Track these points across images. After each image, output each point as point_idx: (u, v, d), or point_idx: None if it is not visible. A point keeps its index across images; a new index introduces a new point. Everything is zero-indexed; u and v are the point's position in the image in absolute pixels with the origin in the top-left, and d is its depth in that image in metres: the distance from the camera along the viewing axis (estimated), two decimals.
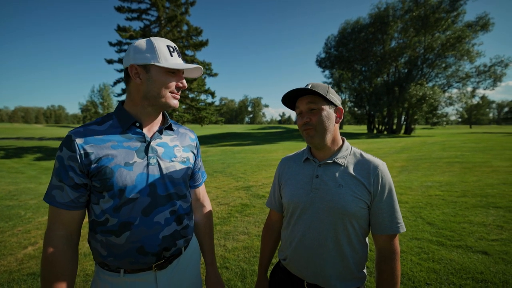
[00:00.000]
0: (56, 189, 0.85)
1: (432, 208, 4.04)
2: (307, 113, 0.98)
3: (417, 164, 7.94)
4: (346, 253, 0.97)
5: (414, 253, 2.75)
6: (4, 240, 3.52)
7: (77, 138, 0.84)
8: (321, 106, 0.97)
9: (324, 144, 1.01)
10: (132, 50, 0.89)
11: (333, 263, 0.97)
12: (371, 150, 12.34)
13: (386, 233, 0.96)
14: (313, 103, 0.97)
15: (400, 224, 0.96)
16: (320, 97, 0.96)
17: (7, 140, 23.25)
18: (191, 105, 17.86)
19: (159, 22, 17.21)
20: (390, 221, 0.96)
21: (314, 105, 0.97)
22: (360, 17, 37.17)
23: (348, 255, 0.98)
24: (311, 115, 0.98)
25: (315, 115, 0.97)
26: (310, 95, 0.98)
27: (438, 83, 34.98)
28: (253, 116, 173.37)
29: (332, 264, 0.97)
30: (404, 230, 0.97)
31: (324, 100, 0.97)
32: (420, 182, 5.68)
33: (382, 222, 0.96)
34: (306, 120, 0.98)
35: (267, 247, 1.25)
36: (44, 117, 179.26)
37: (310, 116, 0.98)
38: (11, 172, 9.76)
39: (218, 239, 3.33)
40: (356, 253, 0.99)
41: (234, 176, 7.25)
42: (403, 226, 0.97)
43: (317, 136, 0.98)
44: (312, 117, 0.97)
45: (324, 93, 0.96)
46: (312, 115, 0.97)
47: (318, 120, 0.97)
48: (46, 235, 0.85)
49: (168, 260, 0.97)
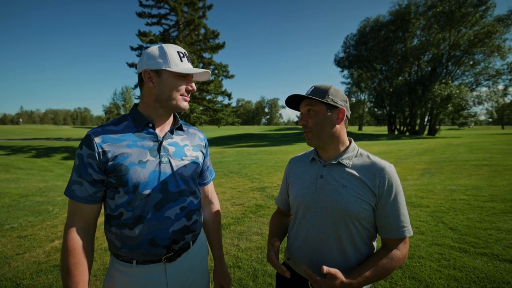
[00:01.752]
0: (76, 184, 0.91)
1: (456, 213, 3.84)
2: (305, 116, 1.03)
3: (440, 166, 7.57)
4: (349, 253, 0.97)
5: (433, 259, 2.63)
6: (34, 233, 3.78)
7: (95, 138, 0.91)
8: (318, 108, 0.99)
9: (324, 145, 1.03)
10: (146, 57, 0.95)
11: (335, 262, 0.97)
12: (391, 151, 11.91)
13: (391, 237, 0.94)
14: (311, 105, 1.01)
15: (406, 228, 0.94)
16: (317, 100, 0.98)
17: (38, 141, 24.89)
18: (208, 107, 18.18)
19: (178, 26, 17.69)
20: (395, 224, 0.94)
21: (311, 107, 1.01)
22: (380, 15, 36.00)
23: (351, 255, 0.97)
24: (308, 118, 1.02)
25: (312, 117, 1.01)
26: (308, 99, 1.01)
27: (465, 81, 33.07)
28: (270, 117, 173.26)
29: (334, 263, 0.96)
30: (410, 234, 0.94)
31: (322, 103, 0.99)
32: (444, 186, 5.41)
33: (387, 225, 0.95)
34: (304, 122, 1.03)
35: (275, 224, 1.23)
36: (71, 119, 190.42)
37: (307, 118, 1.02)
38: (41, 170, 10.45)
39: (232, 239, 3.37)
40: (360, 253, 0.98)
41: (249, 177, 7.29)
42: (409, 230, 0.95)
43: (314, 138, 1.02)
44: (309, 119, 1.01)
45: (322, 97, 0.98)
46: (309, 117, 1.01)
47: (314, 123, 1.00)
48: (66, 227, 0.92)
49: (177, 253, 1.02)
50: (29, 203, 5.50)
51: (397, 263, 0.92)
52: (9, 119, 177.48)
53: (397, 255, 0.93)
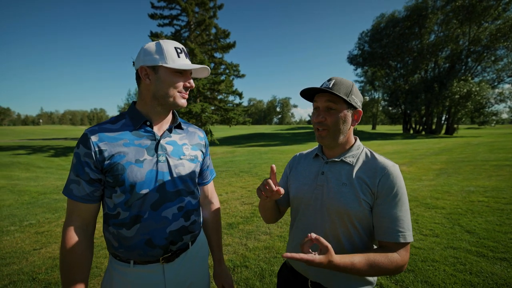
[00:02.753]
0: (74, 183, 0.91)
1: (474, 215, 3.66)
2: (324, 112, 0.94)
3: (458, 166, 7.27)
4: (347, 253, 0.92)
5: (448, 263, 2.51)
6: (51, 229, 3.93)
7: (92, 136, 0.90)
8: (340, 107, 0.92)
9: (335, 145, 0.98)
10: (142, 53, 0.93)
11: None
12: (406, 151, 11.55)
13: (384, 239, 0.87)
14: (332, 102, 0.92)
15: (402, 233, 0.85)
16: (340, 97, 0.91)
17: (57, 141, 25.94)
18: (219, 106, 18.27)
19: (189, 26, 17.87)
20: (390, 227, 0.86)
21: (333, 104, 0.92)
22: (395, 10, 34.97)
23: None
24: (327, 115, 0.93)
25: (332, 116, 0.92)
26: (330, 94, 0.93)
27: (486, 78, 31.63)
28: (281, 117, 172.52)
29: None
30: (407, 240, 0.85)
31: (345, 101, 0.92)
32: (461, 187, 5.18)
33: (381, 226, 0.88)
34: (321, 119, 0.93)
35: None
36: (88, 119, 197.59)
37: (326, 115, 0.93)
38: (59, 169, 10.87)
39: (240, 238, 3.36)
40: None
41: (259, 176, 7.28)
42: (406, 236, 0.85)
43: (328, 137, 0.95)
44: (328, 117, 0.92)
45: (346, 95, 0.91)
46: (329, 115, 0.93)
47: (334, 122, 0.92)
48: (65, 226, 0.92)
49: (175, 254, 1.01)
50: (46, 201, 5.73)
51: (394, 265, 0.83)
52: (31, 120, 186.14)
53: (396, 258, 0.84)
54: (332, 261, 0.76)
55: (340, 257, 0.79)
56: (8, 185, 7.46)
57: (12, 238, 3.70)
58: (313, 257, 0.74)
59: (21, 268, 2.79)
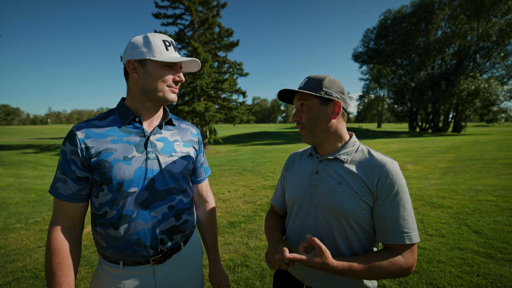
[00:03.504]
0: (60, 181, 0.88)
1: (481, 215, 3.57)
2: (298, 111, 0.96)
3: (465, 165, 7.12)
4: (344, 256, 0.88)
5: (454, 264, 2.44)
6: None
7: (78, 133, 0.87)
8: (311, 103, 0.92)
9: (319, 142, 0.95)
10: (129, 46, 0.90)
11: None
12: (411, 149, 11.38)
13: (387, 242, 0.83)
14: (303, 100, 0.93)
15: (407, 233, 0.81)
16: (310, 94, 0.90)
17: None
18: (223, 105, 18.27)
19: (193, 25, 17.88)
20: (393, 228, 0.82)
21: (304, 101, 0.93)
22: (403, 6, 34.35)
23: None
24: (301, 113, 0.94)
25: (304, 113, 0.93)
26: (301, 92, 0.93)
27: (495, 74, 30.91)
28: (286, 115, 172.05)
29: None
30: (413, 241, 0.81)
31: (316, 96, 0.91)
32: (468, 185, 5.07)
33: (383, 228, 0.84)
34: (297, 118, 0.95)
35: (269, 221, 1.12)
36: None
37: (300, 114, 0.94)
38: None
39: (242, 237, 3.34)
40: None
41: (263, 175, 7.23)
42: (411, 236, 0.81)
43: (308, 135, 0.95)
44: (302, 115, 0.94)
45: (315, 90, 0.90)
46: (302, 112, 0.94)
47: (307, 118, 0.92)
48: (50, 226, 0.88)
49: (166, 255, 0.98)
50: (52, 199, 5.80)
51: (396, 268, 0.79)
52: (39, 120, 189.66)
53: (399, 260, 0.80)
54: (327, 263, 0.74)
55: (337, 259, 0.77)
56: (15, 183, 7.59)
57: (17, 235, 3.75)
58: (305, 257, 0.71)
59: (25, 265, 2.82)
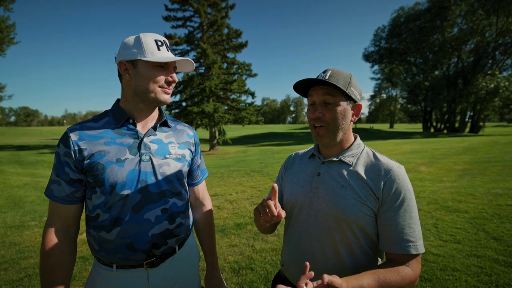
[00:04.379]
0: (54, 183, 0.88)
1: (501, 221, 3.38)
2: (321, 107, 0.85)
3: (484, 167, 6.80)
4: (348, 266, 0.82)
5: (471, 273, 2.31)
6: None
7: (72, 135, 0.87)
8: (339, 101, 0.83)
9: (334, 144, 0.89)
10: (121, 47, 0.90)
11: (329, 274, 0.82)
12: (425, 150, 11.01)
13: (391, 251, 0.78)
14: (330, 95, 0.83)
15: (413, 243, 0.76)
16: (338, 89, 0.82)
17: None
18: (232, 106, 18.33)
19: (202, 27, 18.04)
20: (398, 236, 0.77)
21: (330, 98, 0.83)
22: (417, 2, 33.40)
23: (349, 267, 0.82)
24: (325, 110, 0.84)
25: (330, 111, 0.83)
26: (327, 86, 0.84)
27: None
28: (295, 116, 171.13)
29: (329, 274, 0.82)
30: (419, 251, 0.75)
31: (343, 94, 0.83)
32: (487, 189, 4.83)
33: (388, 236, 0.78)
34: (319, 115, 0.84)
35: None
36: None
37: (323, 110, 0.84)
38: None
39: (247, 239, 3.30)
40: (360, 265, 0.82)
41: (271, 176, 7.18)
42: (417, 246, 0.76)
43: (327, 135, 0.86)
44: (326, 113, 0.84)
45: (345, 87, 0.82)
46: (326, 110, 0.84)
47: (332, 118, 0.83)
48: (45, 227, 0.89)
49: (160, 259, 0.96)
50: None
51: (407, 282, 0.73)
52: (56, 121, 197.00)
53: (408, 273, 0.74)
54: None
55: (346, 282, 0.67)
56: (32, 182, 7.85)
57: (31, 232, 3.86)
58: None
59: (37, 262, 2.89)
